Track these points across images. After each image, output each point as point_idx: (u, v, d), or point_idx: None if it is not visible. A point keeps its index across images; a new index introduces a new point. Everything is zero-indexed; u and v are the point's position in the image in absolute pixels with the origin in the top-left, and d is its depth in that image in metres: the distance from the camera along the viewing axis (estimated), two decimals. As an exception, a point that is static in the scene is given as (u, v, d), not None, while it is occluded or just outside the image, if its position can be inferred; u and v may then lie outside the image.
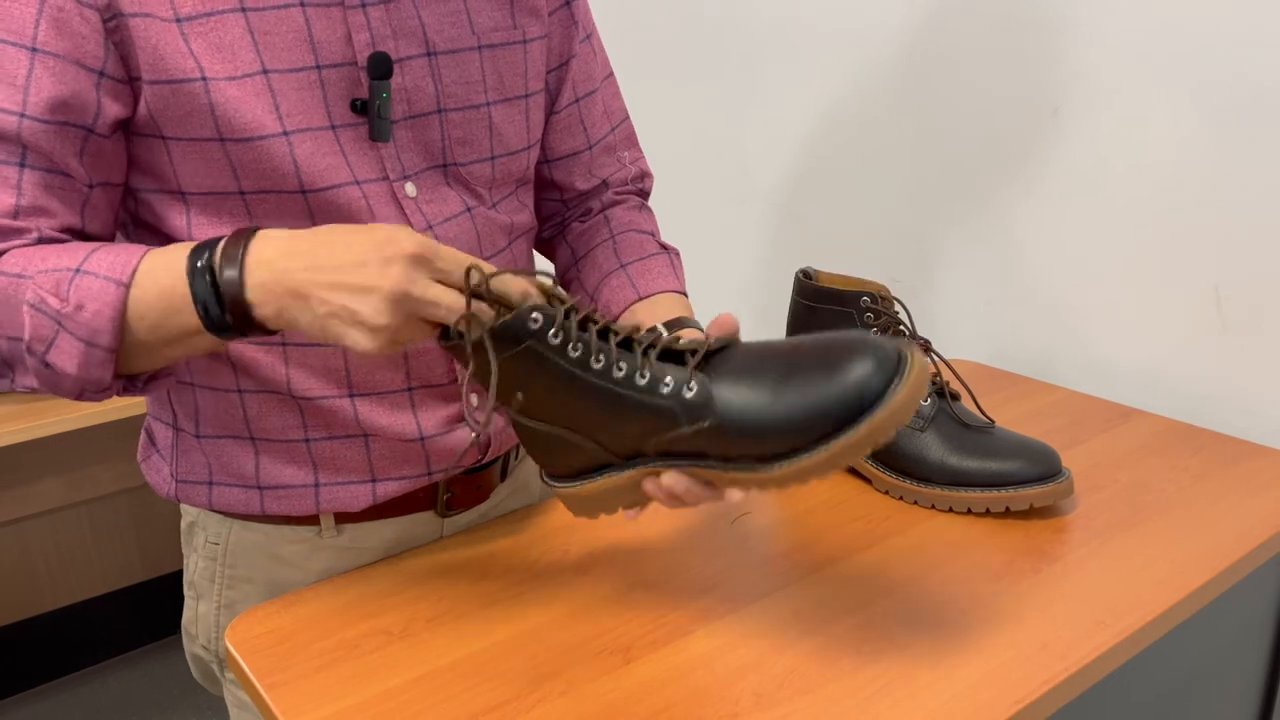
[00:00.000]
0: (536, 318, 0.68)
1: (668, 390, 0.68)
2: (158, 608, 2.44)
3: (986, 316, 1.39)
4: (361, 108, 0.80)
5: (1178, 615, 0.82)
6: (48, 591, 2.31)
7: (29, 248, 0.72)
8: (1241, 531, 0.91)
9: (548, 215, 1.04)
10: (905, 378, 0.65)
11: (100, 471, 2.28)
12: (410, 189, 0.84)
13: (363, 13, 0.80)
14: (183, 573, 0.96)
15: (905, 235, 1.46)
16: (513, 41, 0.89)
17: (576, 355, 0.68)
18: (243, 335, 0.70)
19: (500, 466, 0.98)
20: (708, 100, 1.71)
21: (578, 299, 0.71)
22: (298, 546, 0.90)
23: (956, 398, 0.99)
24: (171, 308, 0.69)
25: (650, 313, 0.90)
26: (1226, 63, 1.09)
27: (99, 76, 0.73)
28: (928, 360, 0.66)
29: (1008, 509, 0.93)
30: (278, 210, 0.79)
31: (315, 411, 0.85)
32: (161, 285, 0.70)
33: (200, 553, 0.93)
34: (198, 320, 0.69)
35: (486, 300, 0.68)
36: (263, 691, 0.74)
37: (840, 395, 0.65)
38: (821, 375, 0.66)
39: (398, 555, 0.92)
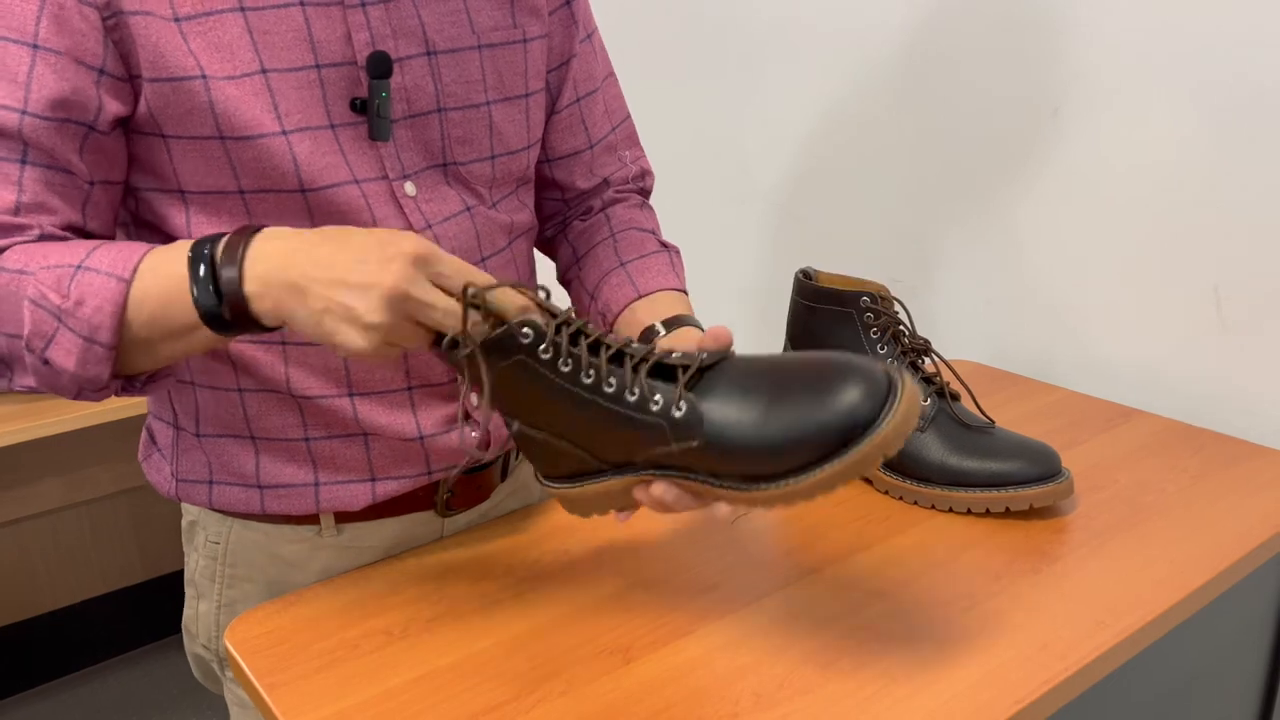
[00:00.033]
0: (527, 332, 0.68)
1: (657, 408, 0.68)
2: (157, 608, 2.44)
3: (986, 316, 1.39)
4: (361, 107, 0.80)
5: (1178, 615, 0.82)
6: (48, 591, 2.31)
7: (31, 244, 0.72)
8: (1241, 531, 0.91)
9: (549, 214, 1.04)
10: (894, 409, 0.65)
11: (100, 472, 2.28)
12: (410, 188, 0.84)
13: (362, 12, 0.80)
14: (183, 572, 0.96)
15: (905, 235, 1.46)
16: (513, 41, 0.89)
17: (567, 370, 0.69)
18: (240, 331, 0.70)
19: (500, 466, 0.98)
20: (708, 100, 1.71)
21: (571, 311, 0.71)
22: (298, 546, 0.90)
23: (956, 398, 0.99)
24: (170, 301, 0.69)
25: (650, 311, 0.90)
26: (1226, 63, 1.09)
27: (99, 74, 0.73)
28: (918, 388, 0.66)
29: (1008, 509, 0.93)
30: (277, 209, 0.79)
31: (315, 410, 0.85)
32: (161, 279, 0.70)
33: (201, 552, 0.93)
34: (195, 314, 0.69)
35: (482, 312, 0.68)
36: (263, 692, 0.74)
37: (829, 422, 0.65)
38: (812, 399, 0.66)
39: (398, 555, 0.92)
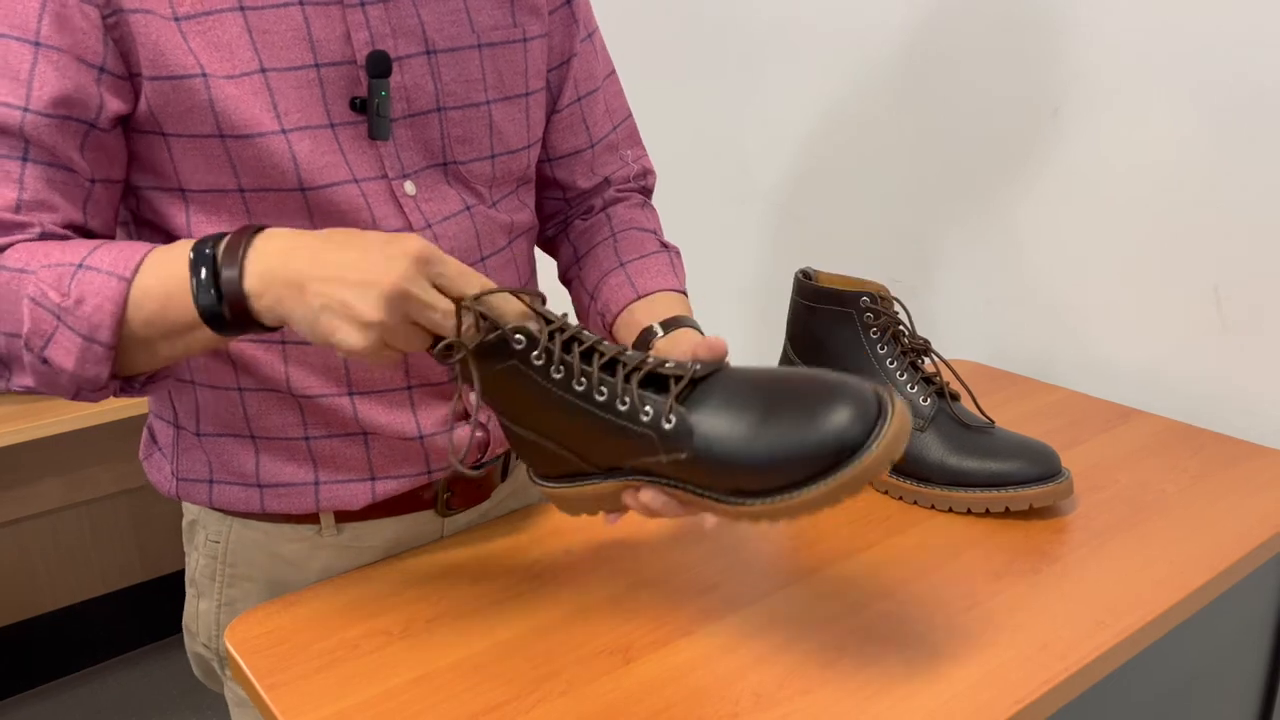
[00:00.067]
0: (520, 339, 0.68)
1: (647, 419, 0.69)
2: (157, 608, 2.44)
3: (986, 316, 1.38)
4: (360, 106, 0.80)
5: (1178, 615, 0.82)
6: (48, 592, 2.31)
7: (32, 243, 0.72)
8: (1241, 531, 0.91)
9: (550, 214, 1.04)
10: (884, 432, 0.65)
11: (100, 472, 2.28)
12: (409, 187, 0.84)
13: (361, 11, 0.80)
14: (182, 573, 0.96)
15: (905, 235, 1.46)
16: (513, 40, 0.89)
17: (559, 377, 0.69)
18: (239, 331, 0.70)
19: (501, 466, 0.98)
20: (708, 100, 1.71)
21: (566, 317, 0.71)
22: (298, 545, 0.90)
23: (956, 398, 0.99)
24: (170, 300, 0.69)
25: (648, 311, 0.90)
26: (1226, 63, 1.09)
27: (99, 72, 0.73)
28: (909, 413, 0.67)
29: (1007, 509, 0.93)
30: (276, 208, 0.79)
31: (315, 410, 0.85)
32: (162, 279, 0.70)
33: (201, 551, 0.93)
34: (195, 313, 0.68)
35: (478, 316, 0.68)
36: (262, 692, 0.74)
37: (818, 443, 0.65)
38: (802, 419, 0.66)
39: (398, 555, 0.92)
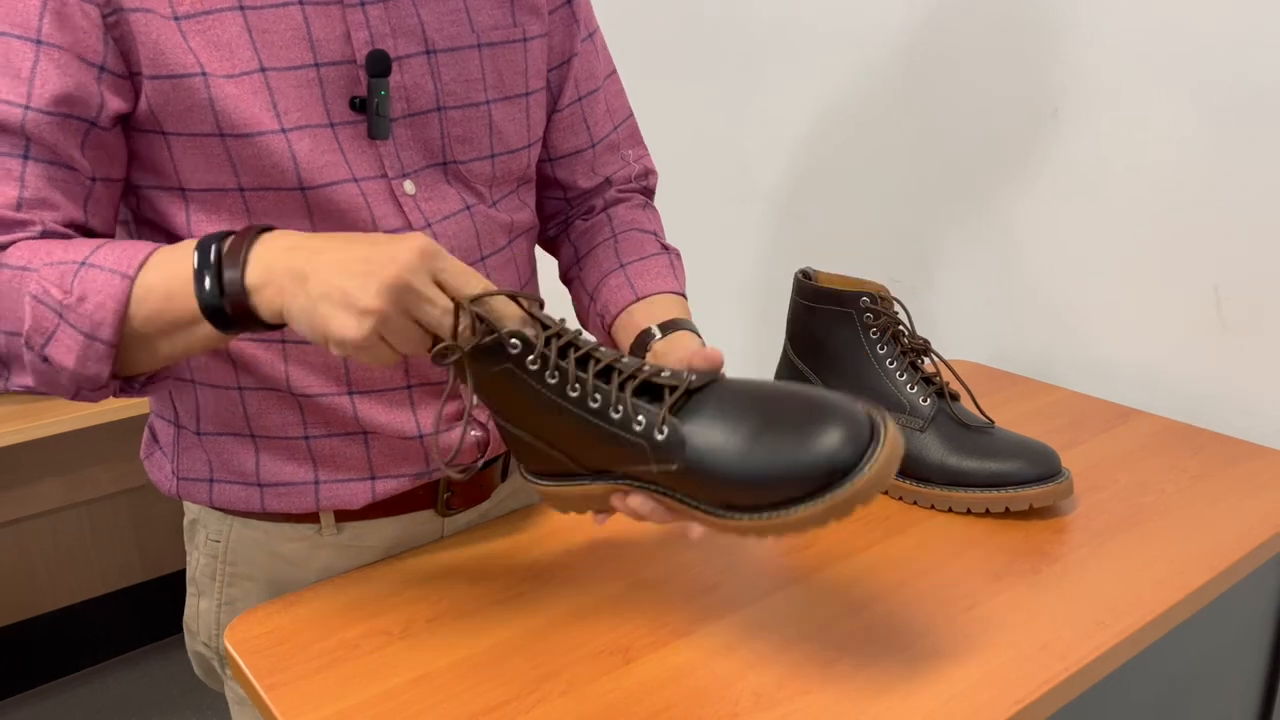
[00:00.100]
0: (515, 343, 0.68)
1: (639, 428, 0.69)
2: (157, 608, 2.44)
3: (986, 316, 1.38)
4: (360, 105, 0.80)
5: (1178, 615, 0.82)
6: (47, 592, 2.31)
7: (34, 241, 0.72)
8: (1241, 532, 0.91)
9: (552, 214, 1.04)
10: (875, 457, 0.65)
11: (100, 472, 2.28)
12: (409, 187, 0.84)
13: (361, 11, 0.80)
14: (182, 573, 0.96)
15: (905, 235, 1.46)
16: (512, 40, 0.89)
17: (553, 382, 0.69)
18: (240, 328, 0.69)
19: (501, 466, 0.98)
20: (708, 100, 1.71)
21: (563, 323, 0.71)
22: (298, 544, 0.90)
23: (956, 398, 0.99)
24: (172, 295, 0.69)
25: (647, 313, 0.90)
26: (1226, 63, 1.09)
27: (99, 71, 0.73)
28: (901, 437, 0.67)
29: (1007, 509, 0.93)
30: (276, 207, 0.79)
31: (314, 409, 0.85)
32: (166, 276, 0.70)
33: (202, 550, 0.93)
34: (197, 307, 0.68)
35: (476, 318, 0.68)
36: (262, 692, 0.74)
37: (810, 463, 0.65)
38: (795, 438, 0.66)
39: (398, 555, 0.92)
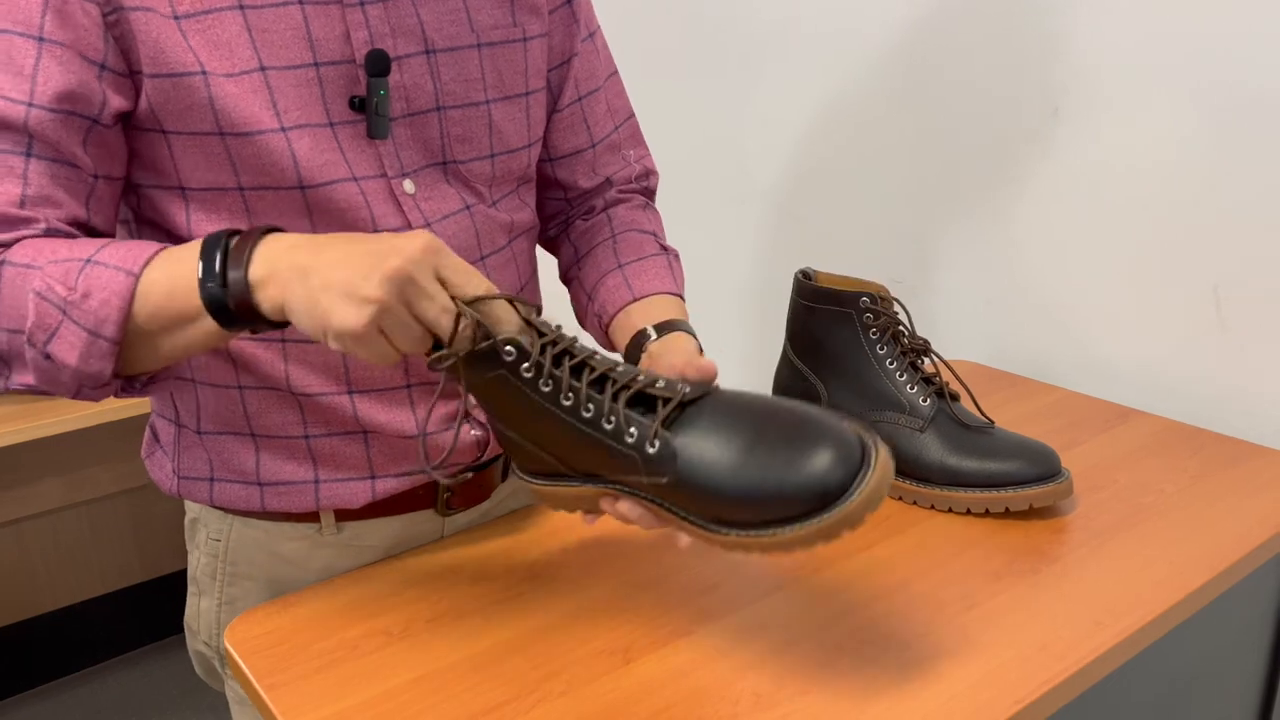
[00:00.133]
0: (510, 350, 0.68)
1: (631, 440, 0.69)
2: (157, 608, 2.44)
3: (986, 316, 1.38)
4: (359, 105, 0.80)
5: (1177, 615, 0.82)
6: (47, 592, 2.31)
7: (39, 239, 0.72)
8: (1241, 532, 0.91)
9: (552, 214, 1.04)
10: (864, 483, 0.65)
11: (100, 472, 2.28)
12: (409, 186, 0.84)
13: (361, 10, 0.80)
14: (182, 573, 0.96)
15: (905, 235, 1.46)
16: (512, 40, 0.89)
17: (547, 390, 0.69)
18: (242, 325, 0.69)
19: (501, 465, 0.98)
20: (707, 100, 1.71)
21: (559, 330, 0.71)
22: (298, 544, 0.90)
23: (956, 398, 0.99)
24: (176, 291, 0.69)
25: (644, 314, 0.90)
26: (1226, 63, 1.09)
27: (100, 69, 0.73)
28: (892, 461, 0.67)
29: (1007, 509, 0.93)
30: (275, 206, 0.79)
31: (314, 408, 0.85)
32: (171, 274, 0.70)
33: (202, 549, 0.93)
34: (200, 302, 0.68)
35: (473, 322, 0.68)
36: (262, 692, 0.74)
37: (800, 485, 0.65)
38: (786, 458, 0.66)
39: (398, 555, 0.92)
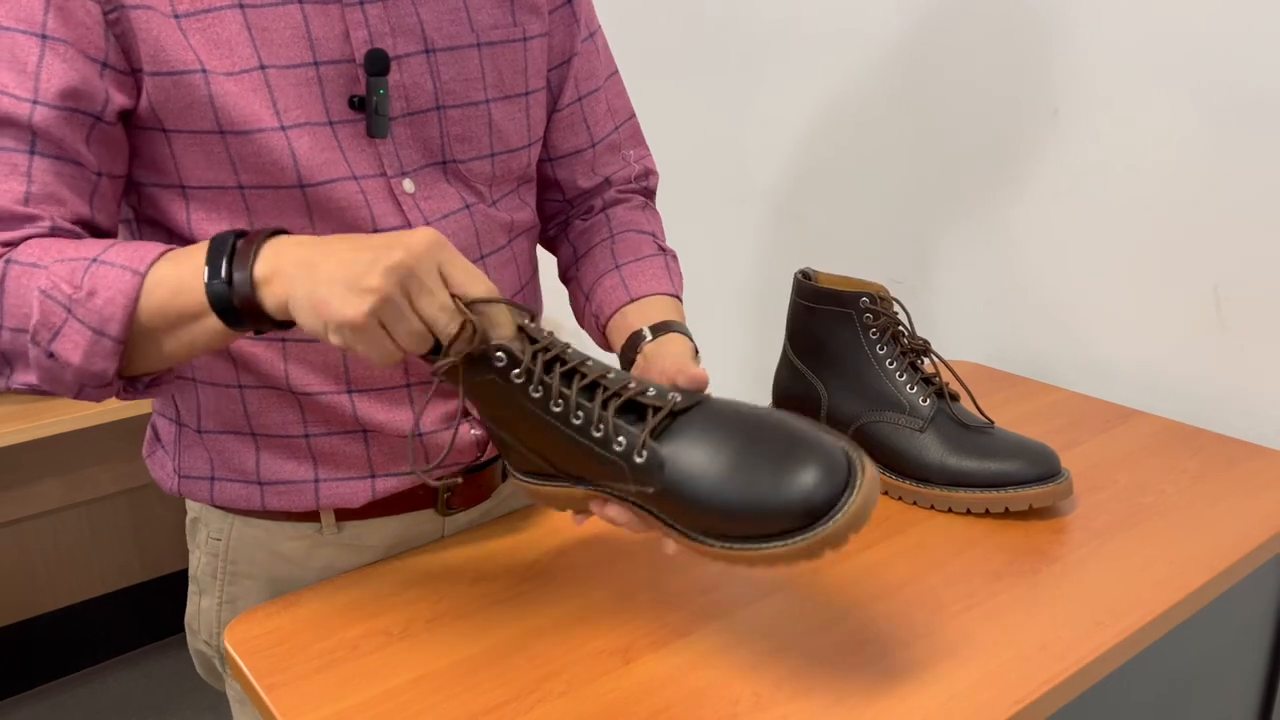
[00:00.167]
0: (501, 356, 0.69)
1: (620, 449, 0.69)
2: (157, 608, 2.44)
3: (986, 317, 1.38)
4: (359, 104, 0.80)
5: (1177, 616, 0.82)
6: (47, 592, 2.31)
7: (45, 238, 0.72)
8: (1241, 532, 0.91)
9: (552, 214, 1.04)
10: (849, 503, 0.65)
11: (100, 472, 2.28)
12: (408, 185, 0.84)
13: (360, 10, 0.80)
14: (182, 573, 0.96)
15: (905, 235, 1.46)
16: (512, 39, 0.89)
17: (537, 396, 0.70)
18: (246, 324, 0.69)
19: (501, 466, 0.98)
20: (707, 100, 1.71)
21: (552, 336, 0.71)
22: (298, 543, 0.90)
23: (956, 398, 0.99)
24: (181, 288, 0.69)
25: (640, 315, 0.90)
26: (1226, 64, 1.09)
27: (102, 67, 0.74)
28: (878, 479, 0.67)
29: (1007, 509, 0.93)
30: (275, 206, 0.79)
31: (314, 407, 0.85)
32: (177, 270, 0.70)
33: (203, 548, 0.93)
34: (204, 300, 0.68)
35: (469, 324, 0.68)
36: (262, 692, 0.74)
37: (785, 502, 0.65)
38: (772, 474, 0.66)
39: (398, 555, 0.92)
